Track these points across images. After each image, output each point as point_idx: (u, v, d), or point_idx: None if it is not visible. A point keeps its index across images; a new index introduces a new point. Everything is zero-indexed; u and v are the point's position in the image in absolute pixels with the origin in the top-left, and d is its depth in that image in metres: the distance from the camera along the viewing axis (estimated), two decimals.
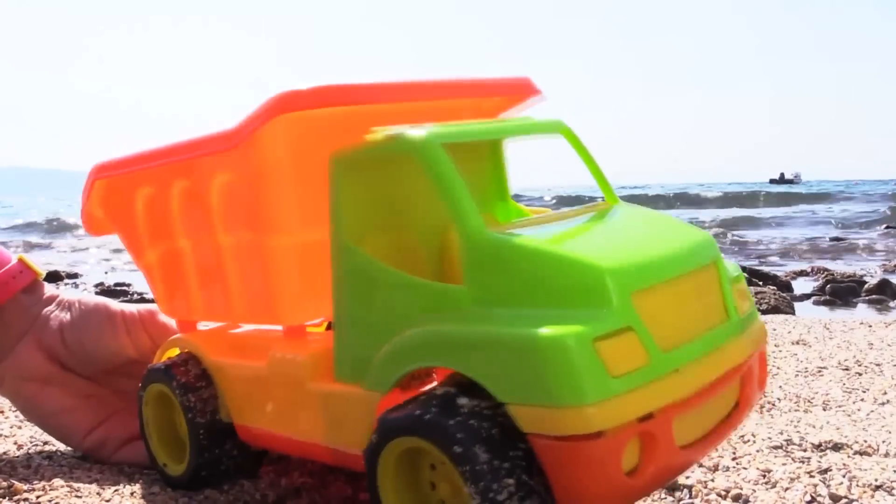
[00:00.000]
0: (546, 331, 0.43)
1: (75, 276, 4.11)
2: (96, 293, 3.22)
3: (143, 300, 2.95)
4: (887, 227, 6.84)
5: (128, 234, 0.75)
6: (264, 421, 0.63)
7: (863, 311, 2.70)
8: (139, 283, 3.36)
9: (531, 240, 0.49)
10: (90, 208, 0.76)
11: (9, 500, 0.65)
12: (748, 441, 0.80)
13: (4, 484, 0.67)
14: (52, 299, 0.80)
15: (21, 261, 0.79)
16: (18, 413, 0.96)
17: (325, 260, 0.56)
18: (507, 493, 0.44)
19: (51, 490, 0.66)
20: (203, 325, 0.74)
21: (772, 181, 39.04)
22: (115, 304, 0.79)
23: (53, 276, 3.83)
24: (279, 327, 0.65)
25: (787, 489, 0.66)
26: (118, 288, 3.28)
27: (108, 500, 0.65)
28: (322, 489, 0.68)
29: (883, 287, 3.03)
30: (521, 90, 0.67)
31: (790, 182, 37.20)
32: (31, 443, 0.83)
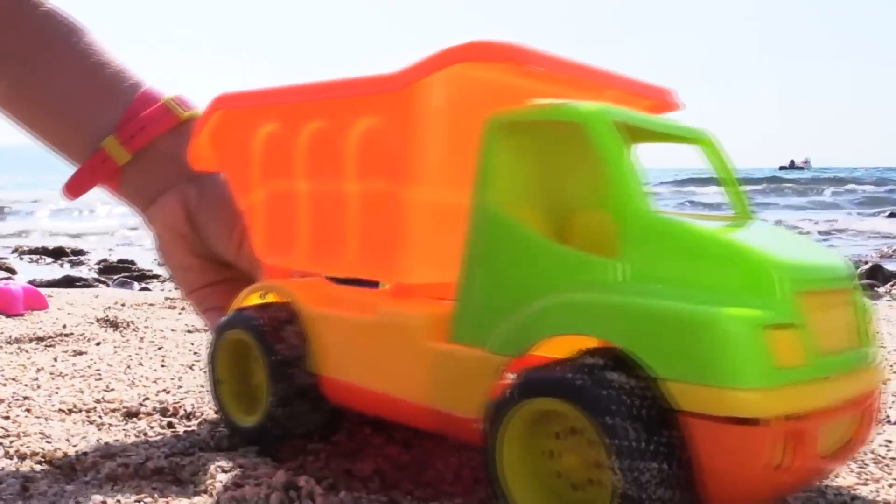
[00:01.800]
0: (718, 310, 0.43)
1: (80, 252, 3.97)
2: (99, 270, 3.19)
3: (143, 276, 2.92)
4: (890, 215, 6.88)
5: (236, 171, 0.74)
6: (358, 375, 0.62)
7: None
8: (141, 261, 3.33)
9: (696, 226, 0.49)
10: (201, 141, 0.75)
11: None
12: None
13: None
14: None
15: (164, 105, 0.81)
16: (4, 372, 0.99)
17: (456, 223, 0.55)
18: (649, 475, 0.43)
19: (24, 436, 0.71)
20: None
21: (781, 168, 39.10)
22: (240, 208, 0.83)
23: (59, 253, 3.78)
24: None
25: None
26: (121, 265, 3.23)
27: (74, 446, 0.69)
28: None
29: (875, 272, 3.06)
30: (668, 98, 0.68)
31: (800, 169, 37.26)
32: (12, 398, 0.86)
